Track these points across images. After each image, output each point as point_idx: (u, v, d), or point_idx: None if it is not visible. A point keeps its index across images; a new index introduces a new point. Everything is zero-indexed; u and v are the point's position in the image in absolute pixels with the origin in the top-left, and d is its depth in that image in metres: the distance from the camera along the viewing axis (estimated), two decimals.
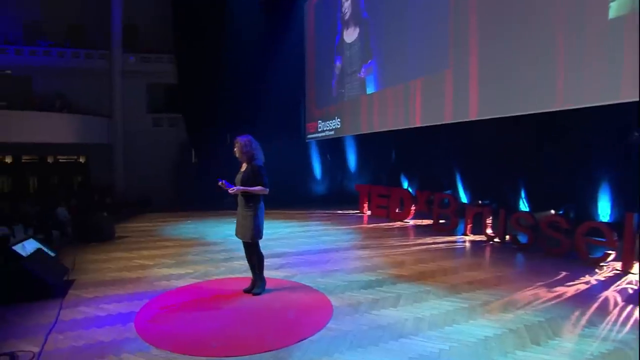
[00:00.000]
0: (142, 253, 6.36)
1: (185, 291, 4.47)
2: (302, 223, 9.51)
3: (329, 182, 14.76)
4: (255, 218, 4.03)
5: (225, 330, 3.42)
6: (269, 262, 5.71)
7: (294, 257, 6.09)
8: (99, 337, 3.26)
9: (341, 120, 11.23)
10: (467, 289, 4.55)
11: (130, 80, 14.90)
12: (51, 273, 4.33)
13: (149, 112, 15.58)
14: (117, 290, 4.51)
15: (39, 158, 14.69)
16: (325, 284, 4.74)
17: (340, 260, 5.92)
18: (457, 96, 7.06)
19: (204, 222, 9.78)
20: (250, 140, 4.12)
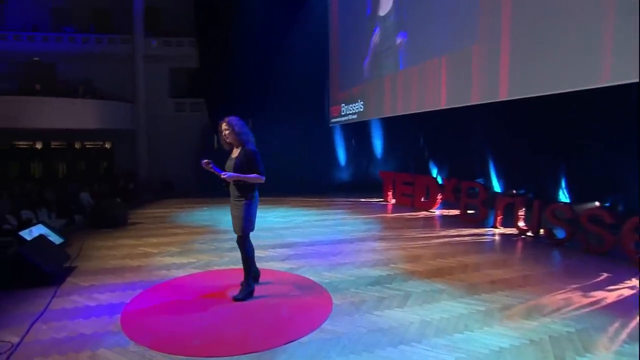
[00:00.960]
0: (150, 240, 6.39)
1: (180, 283, 4.39)
2: (320, 211, 9.32)
3: (354, 168, 14.43)
4: (247, 208, 3.79)
5: (211, 327, 3.28)
6: (276, 253, 5.61)
7: (304, 248, 5.91)
8: (81, 329, 3.22)
9: (364, 103, 10.81)
10: (487, 289, 4.17)
11: (152, 64, 15.09)
12: (50, 260, 4.37)
13: (171, 97, 15.77)
14: (114, 279, 4.50)
15: (67, 144, 15.31)
16: (330, 279, 4.52)
17: (351, 252, 5.67)
18: (485, 74, 6.49)
19: (220, 209, 9.80)
20: (242, 122, 3.88)
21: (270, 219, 8.49)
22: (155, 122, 15.12)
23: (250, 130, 3.93)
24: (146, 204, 11.22)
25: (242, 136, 3.77)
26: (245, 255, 3.92)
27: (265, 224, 7.87)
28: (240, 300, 3.84)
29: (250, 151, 3.73)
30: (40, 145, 14.94)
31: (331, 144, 14.30)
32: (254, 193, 3.83)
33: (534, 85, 5.67)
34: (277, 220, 8.32)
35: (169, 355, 2.84)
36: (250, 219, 3.84)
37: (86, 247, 5.92)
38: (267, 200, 11.17)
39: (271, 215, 8.93)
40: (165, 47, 15.21)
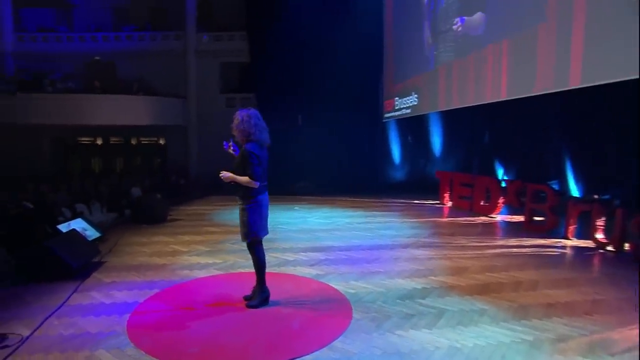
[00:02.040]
0: (183, 238, 6.61)
1: (198, 285, 4.45)
2: (367, 213, 9.07)
3: (410, 167, 13.90)
4: (249, 213, 3.66)
5: (213, 335, 3.24)
6: (306, 257, 5.51)
7: (338, 253, 5.74)
8: (88, 327, 3.35)
9: (418, 96, 10.30)
10: (540, 313, 3.67)
11: (203, 60, 15.78)
12: (77, 254, 4.66)
13: (222, 93, 16.36)
14: (136, 276, 4.68)
15: (124, 140, 16.56)
16: (356, 289, 4.30)
17: (388, 260, 5.38)
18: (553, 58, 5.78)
19: None
20: (250, 116, 3.70)
21: (311, 219, 8.42)
22: (206, 118, 15.79)
23: (264, 130, 3.78)
24: (193, 200, 11.73)
25: (247, 133, 3.63)
26: (256, 261, 3.84)
27: (304, 225, 7.83)
28: (253, 307, 3.77)
29: (247, 151, 3.58)
30: (101, 142, 16.33)
31: (385, 140, 13.92)
32: (257, 197, 3.67)
33: (614, 68, 4.92)
34: (318, 221, 8.23)
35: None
36: (254, 225, 3.70)
37: (121, 242, 6.27)
38: (312, 200, 11.20)
39: (313, 216, 8.86)
40: (216, 41, 15.81)
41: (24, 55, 15.07)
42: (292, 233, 7.10)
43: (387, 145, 13.89)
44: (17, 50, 15.05)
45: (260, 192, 3.74)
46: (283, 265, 5.17)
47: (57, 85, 13.79)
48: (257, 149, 3.67)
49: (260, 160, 3.66)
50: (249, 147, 3.60)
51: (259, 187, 3.67)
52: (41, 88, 13.64)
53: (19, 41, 15.18)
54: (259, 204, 3.73)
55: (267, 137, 3.83)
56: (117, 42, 15.38)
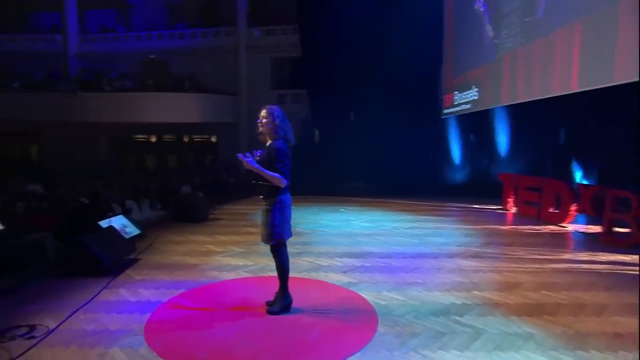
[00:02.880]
0: (219, 238, 6.84)
1: (223, 287, 4.57)
2: (417, 217, 8.81)
3: (471, 168, 13.25)
4: (274, 214, 3.68)
5: (226, 340, 3.30)
6: (341, 263, 5.47)
7: (376, 260, 5.63)
8: (109, 324, 3.57)
9: (479, 90, 9.79)
10: (603, 344, 3.30)
11: (254, 55, 16.27)
12: (111, 251, 5.00)
13: (273, 89, 16.76)
14: (165, 275, 4.92)
15: (177, 138, 17.57)
16: (388, 300, 4.17)
17: (430, 270, 5.17)
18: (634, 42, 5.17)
19: (308, 208, 10.04)
20: (281, 113, 3.76)
21: (355, 223, 8.34)
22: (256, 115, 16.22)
23: (291, 128, 3.80)
24: (240, 199, 12.11)
25: (278, 130, 3.67)
26: (279, 265, 3.84)
27: (347, 228, 7.78)
28: (273, 314, 3.79)
29: (276, 147, 3.61)
30: (155, 139, 17.45)
31: (444, 139, 13.40)
32: (281, 197, 3.68)
33: None
34: (362, 225, 8.13)
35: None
36: (278, 227, 3.70)
37: (158, 240, 6.63)
38: (361, 202, 11.10)
39: (359, 219, 8.77)
40: (267, 36, 16.22)
41: (87, 56, 16.54)
42: (332, 237, 7.07)
43: (446, 144, 13.36)
44: (81, 51, 16.54)
45: (285, 192, 3.76)
46: (315, 271, 5.16)
47: (114, 84, 14.95)
48: (286, 146, 3.70)
49: (288, 158, 3.67)
50: (277, 145, 3.64)
51: (285, 186, 3.68)
52: (100, 87, 14.86)
53: (83, 42, 16.68)
54: (284, 205, 3.75)
55: (293, 136, 3.84)
56: (171, 40, 16.34)
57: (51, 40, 16.51)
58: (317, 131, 16.24)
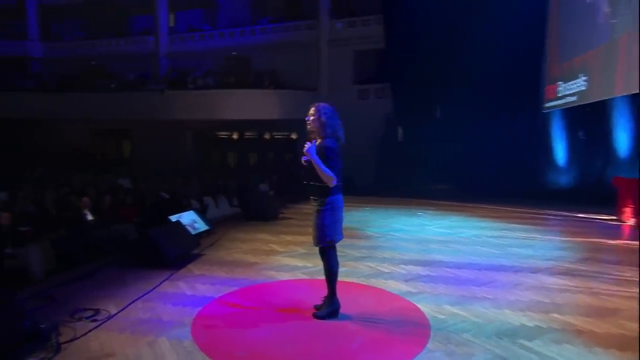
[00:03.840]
0: (284, 238, 7.12)
1: (277, 287, 4.77)
2: (505, 225, 8.33)
3: (580, 171, 12.09)
4: (324, 215, 3.75)
5: (265, 341, 3.47)
6: (404, 271, 5.43)
7: (444, 270, 5.46)
8: (163, 315, 3.95)
9: (588, 78, 8.90)
10: None
11: (336, 49, 16.52)
12: (176, 245, 5.50)
13: (355, 84, 16.86)
14: (224, 272, 5.27)
15: (258, 135, 18.49)
16: (447, 315, 4.04)
17: (505, 285, 4.88)
18: None
19: (381, 211, 10.00)
20: (332, 111, 3.87)
21: (431, 228, 8.14)
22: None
23: (341, 127, 3.88)
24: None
25: (326, 127, 3.77)
26: (327, 269, 3.92)
27: (420, 234, 7.62)
28: (319, 318, 3.89)
29: (327, 146, 3.70)
30: (236, 136, 18.56)
31: (545, 136, 12.40)
32: (332, 198, 3.75)
33: None
34: (438, 231, 7.90)
35: (208, 359, 3.17)
36: (329, 229, 3.77)
37: (225, 237, 7.10)
38: (444, 205, 10.72)
39: (436, 224, 8.53)
40: (350, 28, 16.37)
41: (175, 55, 18.16)
42: (401, 242, 6.98)
43: (548, 142, 12.34)
44: (170, 51, 18.20)
45: (336, 192, 3.84)
46: (374, 277, 5.16)
47: (198, 82, 16.22)
48: (336, 145, 3.79)
49: (338, 158, 3.74)
50: (327, 144, 3.73)
51: (335, 186, 3.77)
52: (185, 85, 16.23)
53: (172, 42, 18.34)
54: (335, 206, 3.82)
55: (343, 134, 3.89)
56: (252, 36, 17.25)
57: (144, 42, 18.42)
58: (401, 128, 16.04)
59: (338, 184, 3.81)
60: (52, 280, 5.03)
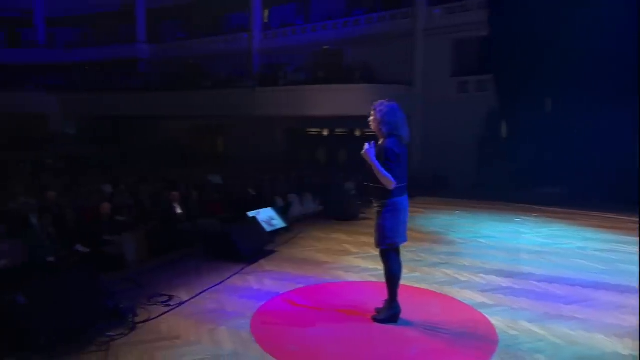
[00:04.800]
0: (360, 239, 7.27)
1: (341, 288, 4.98)
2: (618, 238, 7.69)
3: None
4: (386, 217, 3.86)
5: (321, 339, 3.69)
6: (483, 281, 5.37)
7: (531, 284, 5.24)
8: (227, 306, 4.38)
9: None
10: None
11: (433, 38, 16.17)
12: (250, 241, 5.95)
13: (453, 76, 16.38)
14: (293, 269, 5.60)
15: (348, 131, 18.75)
16: (522, 332, 3.93)
17: (606, 306, 4.57)
18: None
19: (474, 215, 9.71)
20: (394, 109, 3.90)
21: (528, 237, 7.75)
22: (432, 105, 16.22)
23: (405, 125, 3.93)
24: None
25: (382, 125, 3.85)
26: (388, 272, 4.01)
27: (513, 242, 7.32)
28: (378, 322, 4.01)
29: (385, 147, 3.77)
30: (327, 132, 19.03)
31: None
32: (393, 199, 3.84)
33: None
34: (535, 240, 7.50)
35: (261, 350, 3.48)
36: (390, 231, 3.87)
37: (301, 235, 7.46)
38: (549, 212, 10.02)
39: (534, 232, 8.10)
40: (448, 15, 15.93)
41: (268, 51, 19.17)
42: (488, 250, 6.77)
43: None
44: (263, 47, 19.26)
45: (398, 194, 3.90)
46: (448, 285, 5.13)
47: (288, 77, 16.95)
48: (397, 145, 3.85)
49: (399, 159, 3.83)
50: (388, 144, 3.82)
51: (396, 188, 3.85)
52: (275, 81, 17.07)
53: (265, 39, 19.40)
54: (397, 208, 3.91)
55: (408, 133, 3.94)
56: (345, 29, 17.55)
57: (238, 39, 19.72)
58: (505, 123, 15.26)
59: (400, 185, 3.87)
60: (139, 266, 5.76)
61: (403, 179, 3.92)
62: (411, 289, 4.89)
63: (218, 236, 5.97)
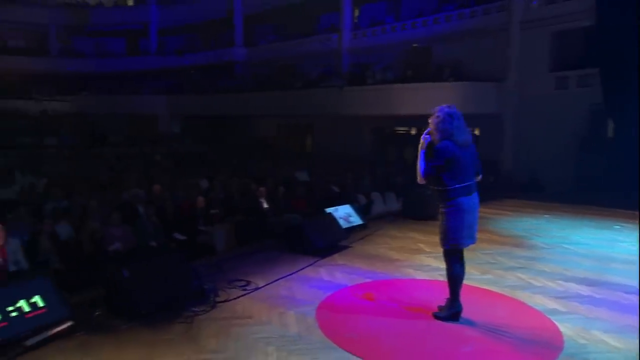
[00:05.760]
0: (435, 239, 7.14)
1: (407, 285, 5.14)
2: None
3: None
4: (448, 217, 3.97)
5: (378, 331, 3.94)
6: (561, 287, 5.26)
7: (616, 294, 4.99)
8: (297, 294, 4.78)
9: None
10: None
11: (530, 31, 15.38)
12: (325, 236, 6.31)
13: (551, 71, 15.48)
14: (364, 264, 5.86)
15: None
16: (591, 342, 3.85)
17: None
18: None
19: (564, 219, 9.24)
20: (452, 116, 3.95)
21: (624, 245, 7.25)
22: (527, 103, 15.48)
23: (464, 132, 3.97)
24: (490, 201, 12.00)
25: (437, 132, 3.96)
26: (449, 272, 4.13)
27: (604, 250, 6.93)
28: (439, 319, 4.15)
29: (436, 147, 3.91)
30: (414, 131, 18.90)
31: None
32: (455, 200, 3.93)
33: None
34: (633, 249, 6.96)
35: (322, 335, 3.82)
36: (453, 232, 3.97)
37: (377, 232, 7.66)
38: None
39: (633, 241, 7.48)
40: (548, 5, 15.09)
41: (357, 51, 19.48)
42: (573, 257, 6.47)
43: None
44: (352, 47, 19.61)
45: (461, 195, 3.97)
46: (520, 289, 5.07)
47: (376, 76, 17.11)
48: (451, 147, 3.90)
49: (447, 161, 3.88)
50: (438, 145, 3.95)
51: (458, 189, 3.94)
52: (363, 80, 17.33)
53: (354, 38, 19.73)
54: (460, 208, 3.98)
55: (468, 138, 4.02)
56: (436, 26, 17.31)
57: (328, 40, 20.26)
58: (611, 121, 14.13)
59: (461, 185, 3.93)
60: (226, 254, 6.40)
61: (465, 179, 3.97)
62: (479, 290, 4.93)
63: (294, 230, 6.40)
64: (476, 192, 4.11)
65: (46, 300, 3.79)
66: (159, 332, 3.88)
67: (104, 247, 6.16)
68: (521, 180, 14.88)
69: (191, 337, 3.81)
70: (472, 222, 4.08)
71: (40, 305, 3.75)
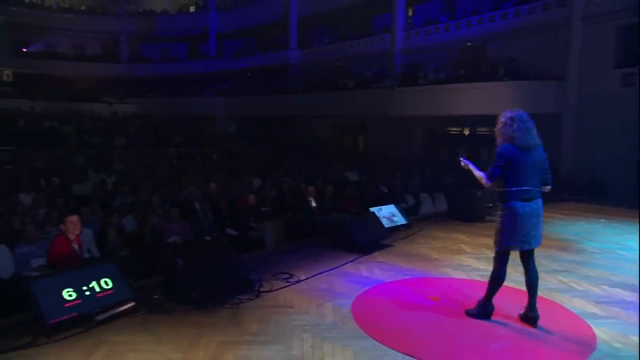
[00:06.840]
0: (478, 240, 7.37)
1: (441, 283, 5.30)
2: None
3: None
4: (502, 220, 4.07)
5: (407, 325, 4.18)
6: (603, 293, 5.25)
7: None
8: (336, 287, 5.09)
9: None
10: None
11: (593, 26, 14.77)
12: (367, 234, 6.58)
13: (617, 67, 14.77)
14: (403, 262, 6.07)
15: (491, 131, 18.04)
16: (627, 345, 3.90)
17: None
18: None
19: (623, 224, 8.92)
20: (514, 119, 4.05)
21: None
22: (589, 101, 14.90)
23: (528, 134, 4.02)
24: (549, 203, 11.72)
25: (500, 136, 4.13)
26: (493, 273, 4.24)
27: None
28: (470, 316, 4.31)
29: (496, 151, 4.07)
30: (467, 132, 18.62)
31: None
32: (509, 204, 4.01)
33: None
34: None
35: (355, 326, 4.12)
36: (504, 234, 4.07)
37: (420, 232, 7.81)
38: None
39: None
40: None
41: (410, 51, 19.44)
42: (625, 262, 6.33)
43: None
44: (405, 47, 19.61)
45: (517, 199, 4.01)
46: (559, 292, 5.11)
47: (429, 76, 17.03)
48: (510, 149, 4.00)
49: (510, 163, 3.98)
50: (498, 148, 4.10)
51: (513, 192, 4.00)
52: (416, 81, 17.30)
53: (407, 38, 19.71)
54: (514, 212, 4.01)
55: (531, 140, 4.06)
56: (491, 24, 16.98)
57: (381, 40, 20.35)
58: None
59: (517, 189, 3.99)
60: (273, 249, 6.82)
61: (523, 183, 3.99)
62: (515, 291, 4.99)
63: (338, 227, 6.71)
64: (539, 199, 4.11)
65: (114, 283, 4.37)
66: (207, 315, 4.33)
67: (163, 239, 6.77)
68: (581, 183, 14.35)
69: (235, 321, 4.23)
70: (529, 228, 4.05)
71: (109, 287, 4.32)
